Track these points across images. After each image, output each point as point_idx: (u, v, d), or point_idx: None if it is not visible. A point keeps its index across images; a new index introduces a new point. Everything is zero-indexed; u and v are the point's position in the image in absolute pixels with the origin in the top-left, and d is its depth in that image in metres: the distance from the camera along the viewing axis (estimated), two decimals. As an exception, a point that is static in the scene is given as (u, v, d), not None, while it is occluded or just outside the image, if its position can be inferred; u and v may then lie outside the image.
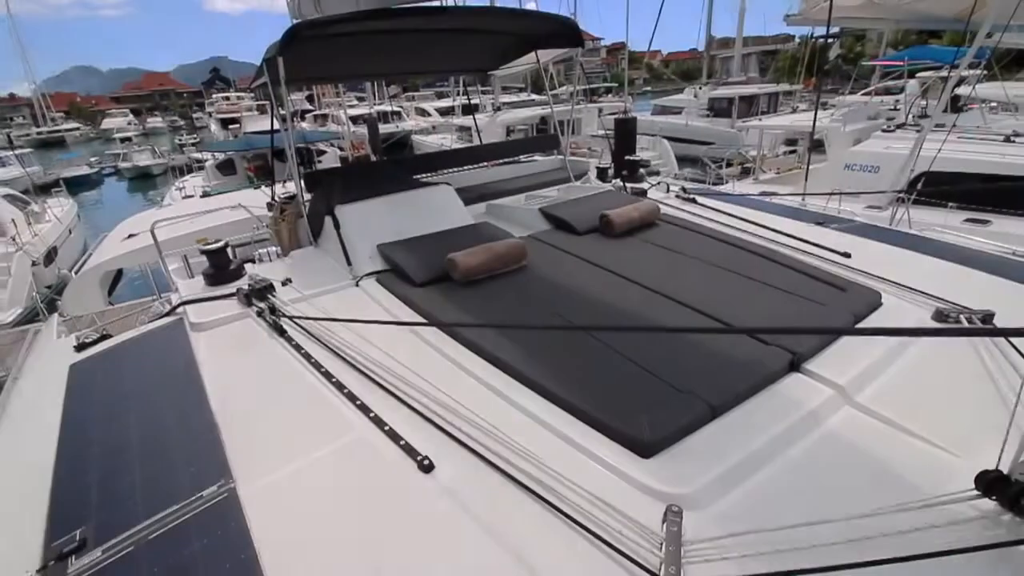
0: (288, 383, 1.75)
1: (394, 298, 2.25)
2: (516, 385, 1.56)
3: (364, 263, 2.56)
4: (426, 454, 1.32)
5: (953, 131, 5.83)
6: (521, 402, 1.49)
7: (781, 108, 16.61)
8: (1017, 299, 2.01)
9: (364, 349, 1.83)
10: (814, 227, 2.86)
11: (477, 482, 1.25)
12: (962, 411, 1.42)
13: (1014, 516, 1.05)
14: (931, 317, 1.83)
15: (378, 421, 1.48)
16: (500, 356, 1.67)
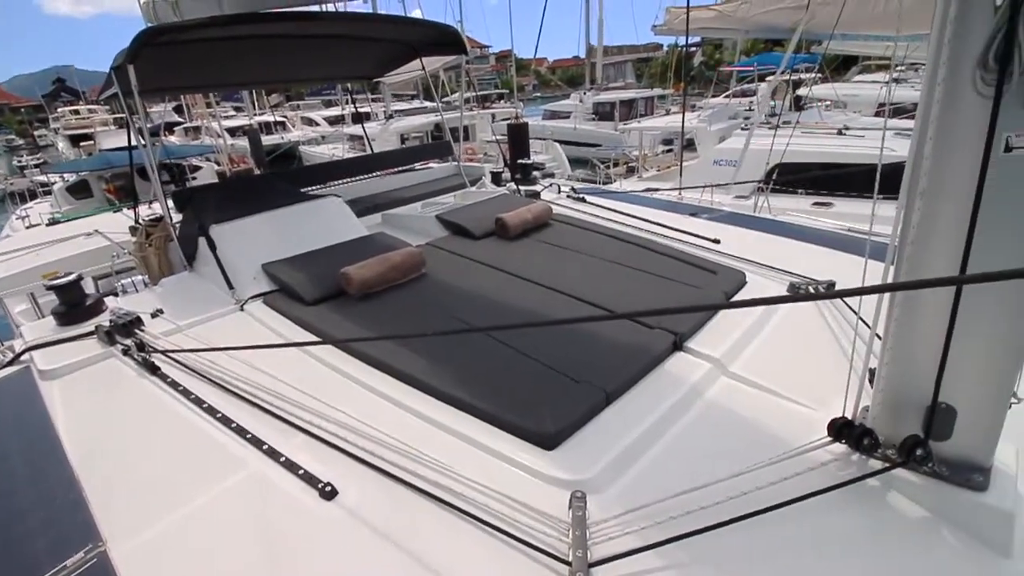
0: (164, 425, 1.58)
1: (284, 319, 2.12)
2: (418, 395, 1.54)
3: (248, 285, 2.38)
4: (328, 480, 1.26)
5: (798, 127, 6.68)
6: (424, 411, 1.47)
7: (657, 111, 18.03)
8: (853, 270, 2.34)
9: (253, 377, 1.70)
10: (689, 218, 3.13)
11: (385, 500, 1.22)
12: (816, 370, 1.62)
13: (860, 455, 1.22)
14: (786, 290, 2.08)
15: (272, 453, 1.38)
16: (399, 367, 1.64)
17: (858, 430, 1.18)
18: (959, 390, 1.08)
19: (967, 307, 1.00)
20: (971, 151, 0.93)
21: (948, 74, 0.93)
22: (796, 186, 6.15)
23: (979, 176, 0.92)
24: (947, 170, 0.97)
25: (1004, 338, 1.01)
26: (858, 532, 1.11)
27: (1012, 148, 0.91)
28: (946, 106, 0.95)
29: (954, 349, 1.03)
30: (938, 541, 1.09)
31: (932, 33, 0.95)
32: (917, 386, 1.10)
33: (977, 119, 0.91)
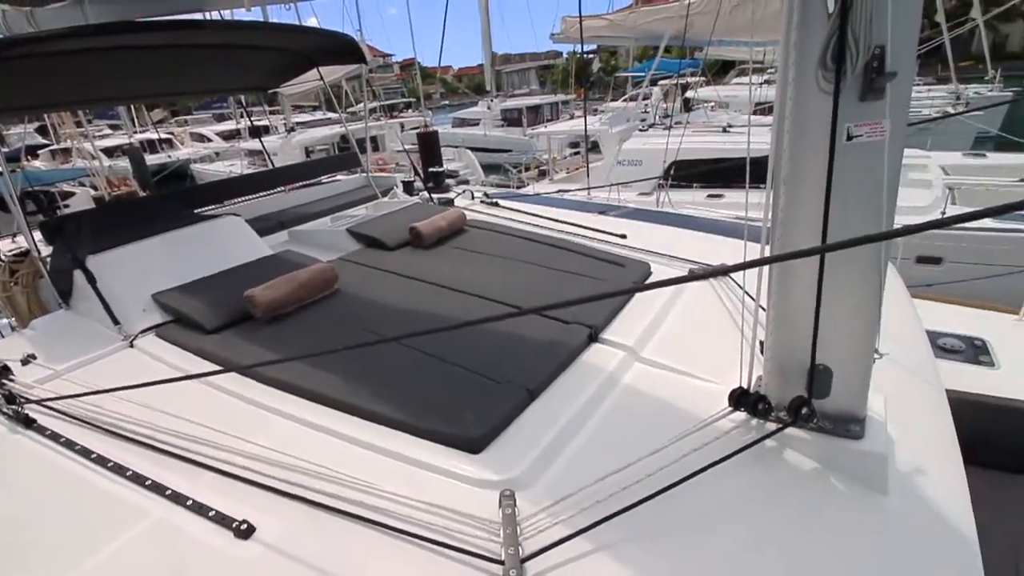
0: (47, 484, 1.40)
1: (183, 351, 1.95)
2: (335, 415, 1.48)
3: (137, 318, 2.17)
4: (243, 518, 1.17)
5: (688, 126, 7.22)
6: (343, 431, 1.42)
7: (562, 115, 18.69)
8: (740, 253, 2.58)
9: (150, 419, 1.55)
10: (597, 216, 3.28)
11: (307, 529, 1.16)
12: (717, 346, 1.76)
13: (757, 419, 1.34)
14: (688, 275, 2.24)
15: (177, 497, 1.26)
16: (313, 389, 1.57)
17: (753, 397, 1.30)
18: (832, 351, 1.22)
19: (830, 276, 1.14)
20: (820, 141, 1.06)
21: (796, 74, 1.06)
22: (691, 181, 6.64)
23: (828, 162, 1.05)
24: (802, 159, 1.10)
25: (862, 302, 1.16)
26: (762, 489, 1.22)
27: (852, 137, 1.05)
28: (797, 103, 1.07)
29: (824, 315, 1.17)
30: (828, 487, 1.22)
31: (781, 39, 1.07)
32: (798, 352, 1.23)
33: (822, 113, 1.04)
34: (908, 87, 1.03)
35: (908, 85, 1.02)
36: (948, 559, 1.11)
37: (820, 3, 1.00)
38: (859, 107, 1.02)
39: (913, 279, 4.83)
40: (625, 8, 11.02)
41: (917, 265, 5.30)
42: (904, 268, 4.99)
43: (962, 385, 2.39)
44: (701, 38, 7.88)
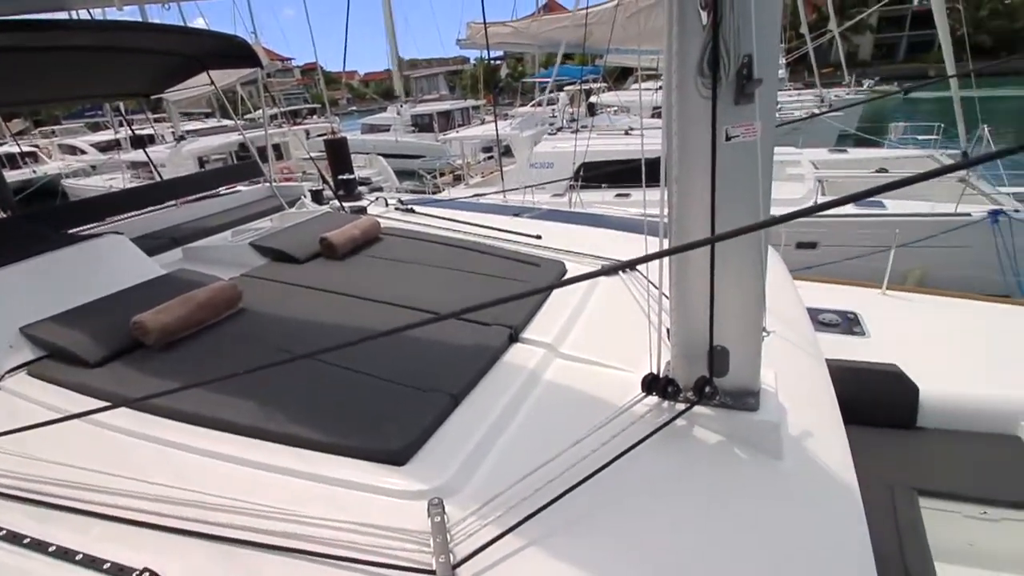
0: None
1: (62, 390, 1.73)
2: (247, 442, 1.39)
3: (2, 356, 1.90)
4: (144, 566, 1.07)
5: (594, 129, 7.54)
6: (256, 458, 1.33)
7: (473, 120, 18.81)
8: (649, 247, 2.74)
9: (24, 469, 1.36)
10: (512, 218, 3.33)
11: (222, 568, 1.07)
12: (630, 337, 1.85)
13: (668, 401, 1.43)
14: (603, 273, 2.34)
15: (64, 553, 1.12)
16: (219, 416, 1.46)
17: (663, 381, 1.39)
18: (727, 333, 1.33)
19: (720, 264, 1.24)
20: (703, 142, 1.16)
21: (679, 81, 1.15)
22: (599, 181, 6.95)
23: (712, 161, 1.15)
24: (690, 158, 1.19)
25: (748, 285, 1.28)
26: (676, 465, 1.31)
27: (730, 137, 1.15)
28: (681, 107, 1.17)
29: (718, 299, 1.28)
30: (731, 457, 1.33)
31: (664, 48, 1.16)
32: (699, 335, 1.34)
33: (703, 116, 1.14)
34: (774, 92, 1.15)
35: (773, 90, 1.15)
36: (836, 508, 1.26)
37: (695, 16, 1.09)
38: (734, 110, 1.13)
39: (794, 263, 5.39)
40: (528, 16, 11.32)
41: (797, 250, 5.93)
42: (786, 254, 5.54)
43: (840, 354, 2.70)
44: (599, 46, 8.28)
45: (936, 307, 3.33)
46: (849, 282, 3.86)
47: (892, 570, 1.84)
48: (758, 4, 1.03)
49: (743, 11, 1.03)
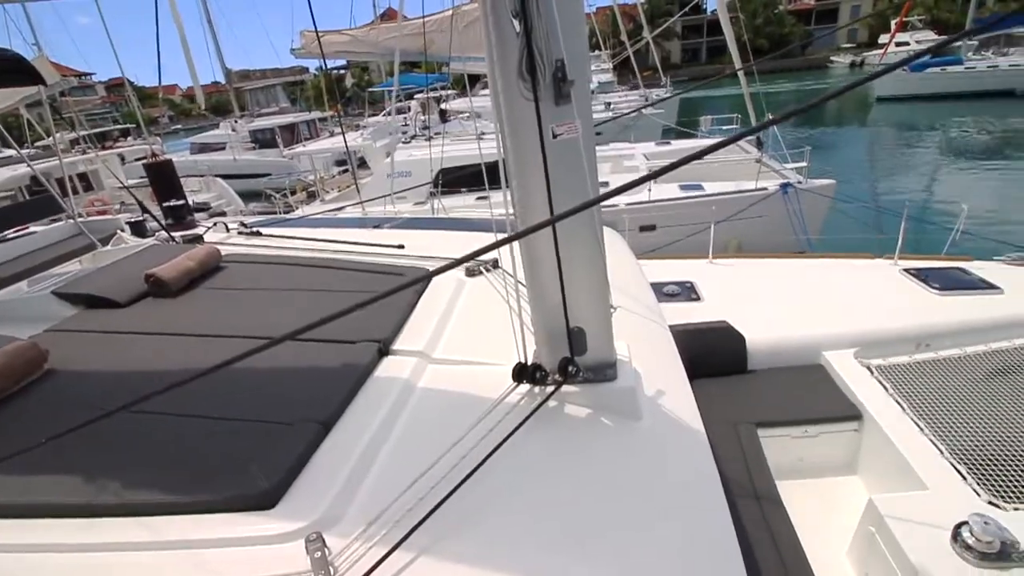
0: None
1: None
2: (77, 524, 1.18)
3: None
4: None
5: (447, 136, 7.62)
6: (93, 541, 1.14)
7: (322, 133, 17.87)
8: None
9: None
10: (373, 230, 3.25)
11: None
12: (499, 332, 1.90)
13: (538, 386, 1.51)
14: (464, 275, 2.38)
15: None
16: (37, 501, 1.22)
17: (531, 368, 1.46)
18: (580, 313, 1.44)
19: (565, 253, 1.35)
20: (534, 141, 1.24)
21: (504, 85, 1.21)
22: (459, 185, 7.04)
23: (543, 158, 1.24)
24: (524, 157, 1.27)
25: (591, 268, 1.40)
26: (551, 444, 1.39)
27: (556, 135, 1.25)
28: (509, 110, 1.24)
29: (567, 284, 1.38)
30: (599, 425, 1.45)
31: (486, 56, 1.22)
32: (556, 319, 1.43)
33: (530, 117, 1.22)
34: (587, 93, 1.27)
35: (586, 91, 1.27)
36: (688, 450, 1.44)
37: (509, 25, 1.17)
38: (556, 110, 1.23)
39: (640, 246, 6.01)
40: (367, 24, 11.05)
41: (640, 233, 6.61)
42: (631, 237, 6.16)
43: (682, 319, 3.07)
44: (442, 54, 8.39)
45: (751, 268, 3.93)
46: (685, 256, 4.40)
47: (743, 493, 2.14)
48: (561, 12, 1.13)
49: (549, 18, 1.13)
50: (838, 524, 2.26)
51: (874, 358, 2.83)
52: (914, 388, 2.59)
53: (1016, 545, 1.74)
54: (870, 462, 2.52)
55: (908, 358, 2.81)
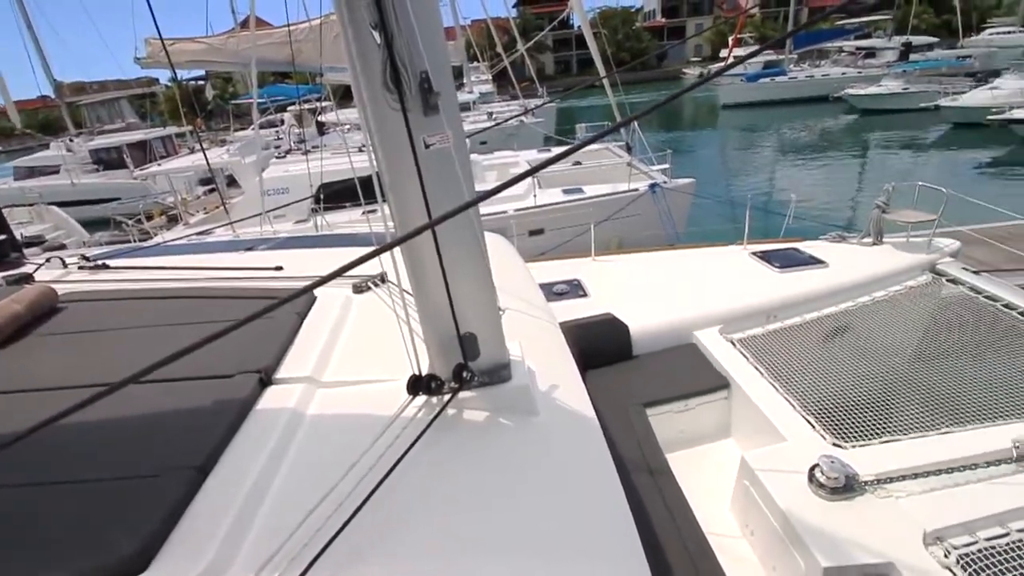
0: None
1: None
2: None
3: None
4: None
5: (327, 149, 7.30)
6: None
7: (182, 150, 16.18)
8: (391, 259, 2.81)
9: None
10: (246, 254, 3.01)
11: None
12: (392, 347, 1.87)
13: (434, 396, 1.50)
14: (352, 291, 2.30)
15: None
16: None
17: (425, 379, 1.46)
18: (470, 318, 1.47)
19: (449, 261, 1.36)
20: (407, 152, 1.24)
21: (370, 97, 1.20)
22: (344, 200, 6.78)
23: (417, 169, 1.25)
24: (399, 168, 1.27)
25: (476, 273, 1.43)
26: (452, 452, 1.39)
27: (428, 145, 1.26)
28: (378, 122, 1.23)
29: (454, 290, 1.40)
30: (498, 426, 1.48)
31: (348, 67, 1.20)
32: (446, 327, 1.44)
33: (400, 129, 1.22)
34: (454, 103, 1.30)
35: (453, 102, 1.30)
36: (582, 437, 1.52)
37: (369, 36, 1.16)
38: (426, 121, 1.24)
39: (531, 249, 6.25)
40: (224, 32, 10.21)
41: (530, 237, 6.86)
42: (522, 242, 6.40)
43: (572, 315, 3.24)
44: (312, 64, 8.03)
45: (630, 262, 4.26)
46: (571, 255, 4.64)
47: (637, 468, 2.31)
48: (420, 23, 1.15)
49: (408, 30, 1.14)
50: (720, 483, 2.52)
51: (735, 332, 3.20)
52: (768, 355, 2.97)
53: (857, 477, 2.07)
54: (740, 424, 2.85)
55: (762, 329, 3.22)
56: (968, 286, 3.34)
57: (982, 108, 16.17)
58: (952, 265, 3.59)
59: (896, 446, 2.21)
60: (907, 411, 2.42)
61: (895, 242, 3.90)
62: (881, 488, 2.03)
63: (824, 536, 1.88)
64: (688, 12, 54.01)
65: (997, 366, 2.68)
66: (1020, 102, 15.54)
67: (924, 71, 23.42)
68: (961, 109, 17.18)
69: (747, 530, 2.31)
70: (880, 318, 3.25)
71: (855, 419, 2.41)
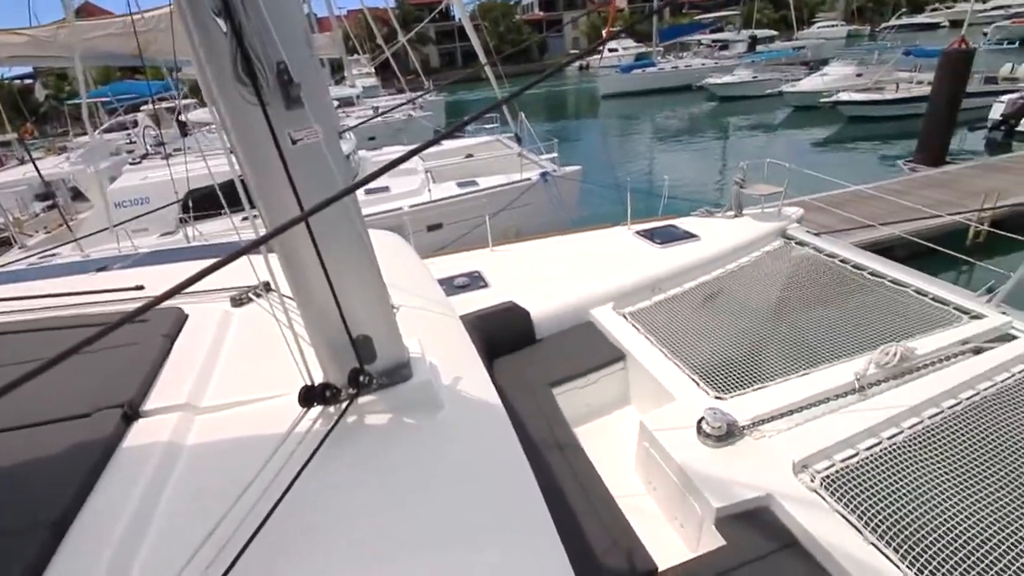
0: None
1: None
2: None
3: None
4: None
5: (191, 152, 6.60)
6: None
7: (8, 161, 13.76)
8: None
9: None
10: (97, 275, 2.64)
11: None
12: (280, 361, 1.74)
13: (331, 405, 1.43)
14: (230, 304, 2.11)
15: None
16: None
17: (319, 389, 1.38)
18: (362, 319, 1.41)
19: (332, 263, 1.30)
20: (271, 150, 1.15)
21: (220, 91, 1.10)
22: (218, 207, 6.18)
23: (285, 166, 1.16)
24: (265, 168, 1.17)
25: (364, 273, 1.38)
26: (359, 459, 1.34)
27: (296, 141, 1.18)
28: (234, 118, 1.13)
29: (341, 293, 1.33)
30: (403, 426, 1.45)
31: (192, 58, 1.09)
32: (336, 332, 1.37)
33: (261, 125, 1.13)
34: (322, 95, 1.23)
35: (321, 93, 1.23)
36: (489, 424, 1.53)
37: (213, 23, 1.06)
38: (290, 115, 1.16)
39: (431, 244, 6.17)
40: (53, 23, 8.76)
41: (428, 233, 6.77)
42: (421, 238, 6.29)
43: (474, 306, 3.25)
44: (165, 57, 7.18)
45: (527, 250, 4.36)
46: (470, 248, 4.65)
47: (547, 445, 2.39)
48: (272, 9, 1.07)
49: (259, 17, 1.06)
50: (624, 448, 2.69)
51: (626, 307, 3.42)
52: (655, 325, 3.21)
53: (736, 423, 2.31)
54: (637, 391, 3.06)
55: (649, 302, 3.47)
56: (812, 247, 3.85)
57: (815, 92, 18.64)
58: (798, 230, 4.12)
59: (766, 391, 2.51)
60: (773, 360, 2.75)
61: (752, 213, 4.38)
62: (756, 430, 2.29)
63: (713, 481, 2.09)
64: (564, 6, 56.13)
65: (839, 313, 3.13)
66: (845, 86, 18.14)
67: (769, 61, 26.46)
68: (799, 94, 19.65)
69: (651, 487, 2.49)
70: (745, 281, 3.65)
71: (732, 372, 2.69)
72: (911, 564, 1.71)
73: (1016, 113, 13.42)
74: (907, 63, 18.30)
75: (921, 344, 2.65)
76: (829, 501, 1.95)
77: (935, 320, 2.88)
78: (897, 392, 2.39)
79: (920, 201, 6.82)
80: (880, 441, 2.19)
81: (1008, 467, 2.03)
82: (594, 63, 35.94)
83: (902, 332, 2.77)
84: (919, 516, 1.86)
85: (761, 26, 37.31)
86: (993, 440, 2.16)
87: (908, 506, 1.90)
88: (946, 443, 2.16)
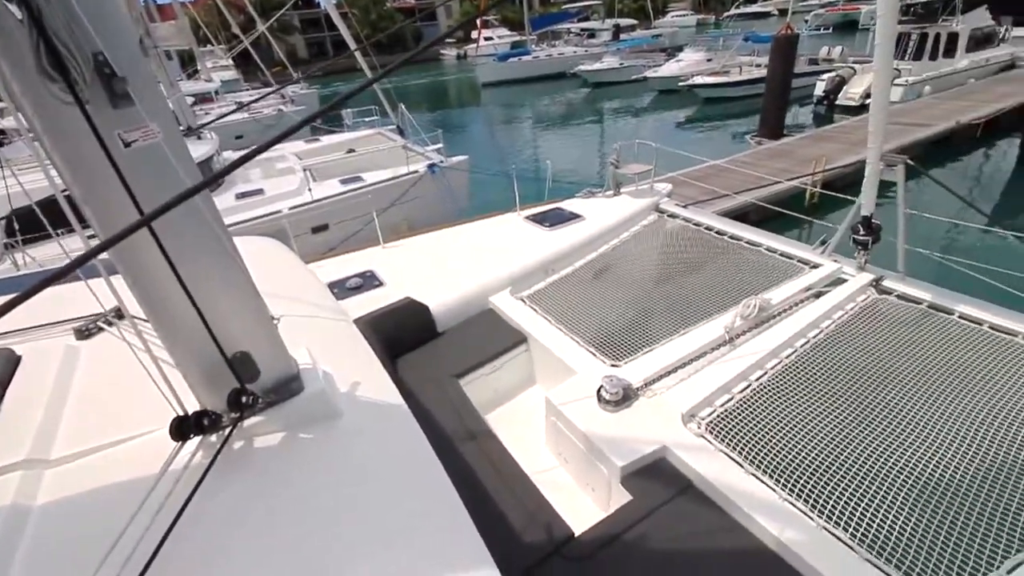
0: None
1: None
2: None
3: None
4: None
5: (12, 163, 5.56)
6: None
7: None
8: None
9: None
10: None
11: None
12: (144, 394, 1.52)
13: (212, 434, 1.31)
14: (75, 337, 1.84)
15: None
16: None
17: (193, 418, 1.25)
18: (237, 335, 1.30)
19: (194, 279, 1.17)
20: (98, 154, 1.00)
21: (24, 89, 0.94)
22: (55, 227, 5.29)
23: (118, 172, 1.02)
24: (91, 176, 1.02)
25: (234, 285, 1.26)
26: (252, 484, 1.24)
27: (129, 143, 1.04)
28: (47, 122, 0.97)
29: (208, 310, 1.21)
30: (299, 441, 1.37)
31: None
32: (207, 352, 1.25)
33: (81, 126, 0.97)
34: (153, 91, 1.09)
35: (152, 89, 1.09)
36: (392, 427, 1.50)
37: (6, 11, 0.89)
38: (118, 114, 1.02)
39: (316, 247, 5.81)
40: None
41: (314, 235, 6.38)
42: (305, 241, 5.92)
43: (370, 308, 3.14)
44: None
45: (420, 243, 4.28)
46: (361, 247, 4.46)
47: (460, 436, 2.40)
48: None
49: (63, 2, 0.91)
50: (534, 427, 2.78)
51: (523, 291, 3.51)
52: (551, 304, 3.33)
53: (631, 387, 2.48)
54: (541, 370, 3.17)
55: (544, 284, 3.59)
56: (682, 218, 4.22)
57: (674, 77, 20.34)
58: (669, 203, 4.48)
59: (653, 354, 2.72)
60: (657, 324, 2.99)
61: (629, 191, 4.69)
62: (648, 390, 2.48)
63: (616, 442, 2.23)
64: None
65: (709, 274, 3.47)
66: (698, 71, 19.98)
67: (632, 49, 28.26)
68: (661, 79, 21.29)
69: (562, 458, 2.60)
70: (628, 255, 3.91)
71: (623, 340, 2.88)
72: (783, 485, 1.97)
73: (834, 89, 15.84)
74: (746, 48, 20.62)
75: (775, 295, 3.03)
76: (714, 443, 2.18)
77: (784, 272, 3.30)
78: (760, 339, 2.72)
79: (766, 171, 7.77)
80: (750, 383, 2.48)
81: (848, 388, 2.41)
82: (471, 52, 35.99)
83: (760, 286, 3.15)
84: (785, 442, 2.14)
85: (622, 15, 39.70)
86: (835, 368, 2.54)
87: (776, 435, 2.18)
88: (800, 377, 2.50)
